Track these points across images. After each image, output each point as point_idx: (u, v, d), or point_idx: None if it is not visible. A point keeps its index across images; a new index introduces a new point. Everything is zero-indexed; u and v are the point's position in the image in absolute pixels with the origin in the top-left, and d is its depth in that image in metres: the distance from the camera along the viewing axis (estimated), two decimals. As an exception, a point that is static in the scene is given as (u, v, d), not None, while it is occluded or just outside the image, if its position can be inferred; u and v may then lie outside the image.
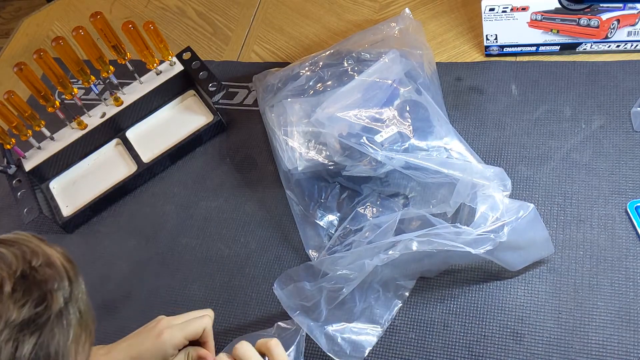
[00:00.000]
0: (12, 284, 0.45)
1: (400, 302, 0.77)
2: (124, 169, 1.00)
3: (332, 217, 0.86)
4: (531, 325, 0.73)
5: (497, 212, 0.71)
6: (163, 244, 0.92)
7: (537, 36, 0.92)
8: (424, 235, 0.70)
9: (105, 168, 1.01)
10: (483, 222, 0.71)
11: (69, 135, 0.99)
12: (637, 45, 0.90)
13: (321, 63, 0.93)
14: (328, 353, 0.73)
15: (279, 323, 0.75)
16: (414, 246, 0.69)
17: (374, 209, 0.84)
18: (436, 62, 0.95)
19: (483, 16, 0.92)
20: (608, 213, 0.78)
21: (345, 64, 0.91)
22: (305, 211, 0.86)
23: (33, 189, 0.96)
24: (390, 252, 0.69)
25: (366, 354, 0.75)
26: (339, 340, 0.74)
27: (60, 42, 0.91)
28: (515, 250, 0.72)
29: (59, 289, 0.47)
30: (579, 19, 0.88)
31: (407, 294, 0.78)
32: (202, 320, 0.68)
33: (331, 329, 0.75)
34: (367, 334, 0.75)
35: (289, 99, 0.90)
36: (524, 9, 0.89)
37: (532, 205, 0.70)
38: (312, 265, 0.77)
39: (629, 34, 0.89)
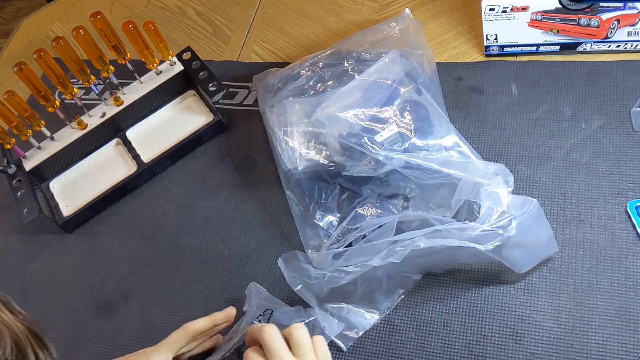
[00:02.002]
0: None
1: (403, 290, 0.77)
2: (124, 169, 1.00)
3: (332, 218, 0.86)
4: (531, 325, 0.73)
5: (502, 207, 0.71)
6: (163, 243, 0.92)
7: (537, 36, 0.92)
8: (431, 233, 0.69)
9: (105, 168, 1.01)
10: (488, 217, 0.70)
11: (69, 135, 0.99)
12: (637, 45, 0.90)
13: (321, 63, 0.93)
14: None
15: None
16: (422, 243, 0.69)
17: (374, 210, 0.84)
18: (436, 62, 0.95)
19: (483, 16, 0.92)
20: (608, 213, 0.78)
21: (346, 64, 0.91)
22: (305, 211, 0.86)
23: (33, 189, 0.96)
24: (398, 248, 0.69)
25: (360, 335, 0.75)
26: (335, 318, 0.75)
27: (61, 42, 0.91)
28: (522, 248, 0.71)
29: None
30: (579, 18, 0.88)
31: (410, 284, 0.78)
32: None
33: (330, 306, 0.76)
34: (364, 317, 0.77)
35: (289, 99, 0.90)
36: (524, 8, 0.89)
37: (535, 200, 0.70)
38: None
39: (629, 34, 0.89)
